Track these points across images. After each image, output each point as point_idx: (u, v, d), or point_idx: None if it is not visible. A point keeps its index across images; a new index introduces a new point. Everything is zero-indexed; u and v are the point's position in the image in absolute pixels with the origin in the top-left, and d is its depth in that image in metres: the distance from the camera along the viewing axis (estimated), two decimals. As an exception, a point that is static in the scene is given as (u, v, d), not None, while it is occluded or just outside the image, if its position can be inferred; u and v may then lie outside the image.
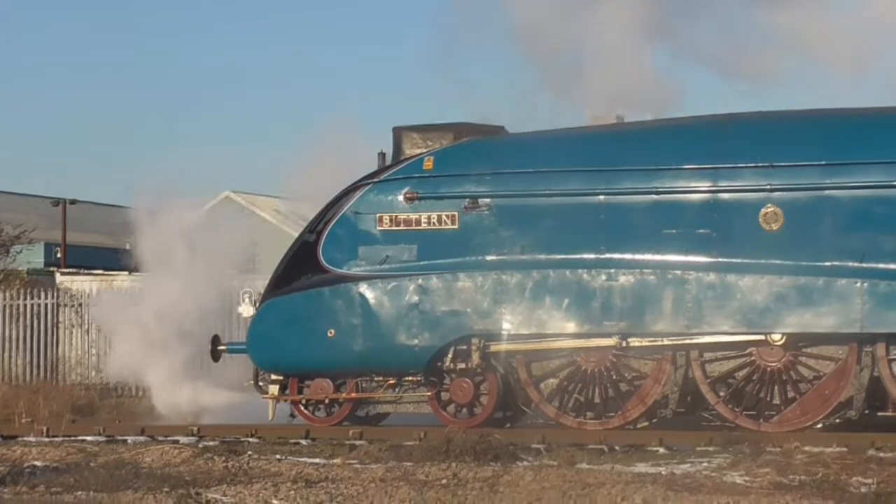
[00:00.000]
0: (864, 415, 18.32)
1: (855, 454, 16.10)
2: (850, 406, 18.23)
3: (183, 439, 18.93)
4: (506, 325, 19.07)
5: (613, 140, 19.58)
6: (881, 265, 17.87)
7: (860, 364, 18.15)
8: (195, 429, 19.65)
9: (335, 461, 16.80)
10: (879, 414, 18.57)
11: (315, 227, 20.11)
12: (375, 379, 19.83)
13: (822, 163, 18.20)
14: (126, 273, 30.06)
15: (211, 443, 18.60)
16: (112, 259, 33.36)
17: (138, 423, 21.04)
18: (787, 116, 19.01)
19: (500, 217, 19.26)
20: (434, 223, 19.52)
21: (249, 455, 17.10)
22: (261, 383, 20.43)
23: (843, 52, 21.26)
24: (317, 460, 16.94)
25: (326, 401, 20.07)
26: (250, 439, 19.08)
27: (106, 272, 34.34)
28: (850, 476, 14.93)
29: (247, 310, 20.93)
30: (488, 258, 19.25)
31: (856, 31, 21.24)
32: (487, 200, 19.33)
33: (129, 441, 19.16)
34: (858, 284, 17.86)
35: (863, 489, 14.52)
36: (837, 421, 18.35)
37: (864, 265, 17.90)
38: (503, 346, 19.20)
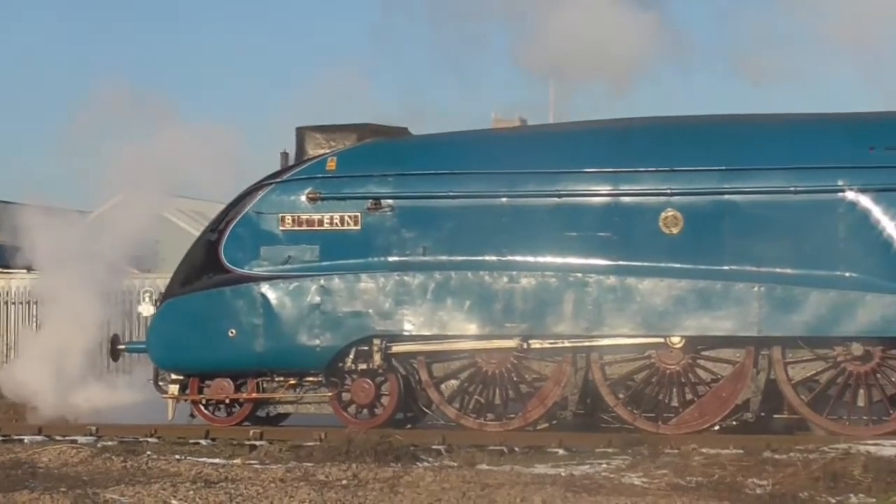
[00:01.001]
0: (760, 417, 18.56)
1: (751, 456, 16.28)
2: (747, 408, 18.46)
3: (81, 439, 18.77)
4: (407, 327, 19.09)
5: (516, 143, 19.68)
6: (778, 270, 18.11)
7: (757, 367, 18.39)
8: (93, 428, 19.49)
9: (235, 461, 16.74)
10: (775, 416, 18.82)
11: (217, 227, 20.01)
12: (276, 379, 19.78)
13: (722, 168, 18.40)
14: (25, 271, 29.70)
15: (109, 443, 18.46)
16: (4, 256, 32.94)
17: (35, 422, 20.80)
18: (687, 121, 19.21)
19: (402, 218, 19.28)
20: (337, 224, 19.50)
21: (148, 455, 16.98)
22: (160, 383, 20.30)
23: None
24: (216, 460, 16.87)
25: (227, 401, 19.98)
26: (149, 439, 18.95)
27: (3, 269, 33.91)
28: (746, 477, 15.11)
29: (147, 309, 20.79)
30: (390, 259, 19.26)
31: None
32: (390, 202, 19.34)
33: (25, 441, 18.96)
34: (756, 289, 18.09)
35: (758, 490, 14.69)
36: (734, 423, 18.57)
37: (762, 270, 18.13)
38: (404, 347, 19.23)
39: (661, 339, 18.55)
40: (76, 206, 22.81)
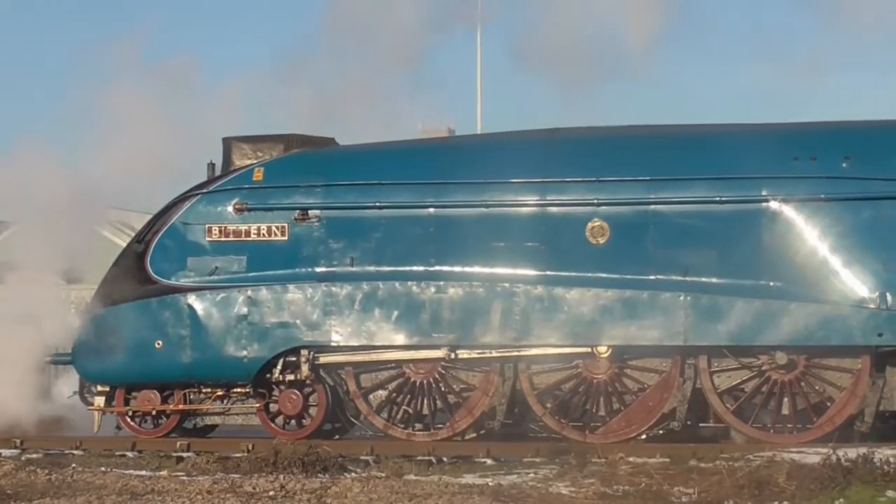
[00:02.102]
0: (686, 426, 18.68)
1: (677, 464, 16.39)
2: (674, 417, 18.58)
3: (5, 452, 18.56)
4: (335, 337, 19.06)
5: (443, 153, 19.72)
6: (704, 279, 18.23)
7: (683, 376, 18.52)
8: (18, 441, 19.28)
9: (161, 473, 16.65)
10: (701, 425, 18.96)
11: (143, 238, 19.90)
12: (204, 390, 19.69)
13: (648, 178, 18.51)
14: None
15: (34, 455, 18.28)
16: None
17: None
18: (614, 131, 19.32)
19: (330, 229, 19.26)
20: (264, 234, 19.44)
21: (74, 468, 16.86)
22: (86, 395, 20.13)
23: None
24: (143, 472, 16.78)
25: (154, 412, 19.85)
26: (75, 452, 18.77)
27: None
28: (673, 486, 15.21)
29: (72, 320, 20.62)
30: (318, 270, 19.23)
31: None
32: (318, 212, 19.31)
33: (-52, 454, 18.74)
34: (682, 298, 18.21)
35: (684, 499, 14.80)
36: (661, 432, 18.68)
37: (688, 279, 18.25)
38: (332, 358, 19.20)
39: (589, 349, 18.62)
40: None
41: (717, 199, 18.31)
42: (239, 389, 19.54)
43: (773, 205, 18.21)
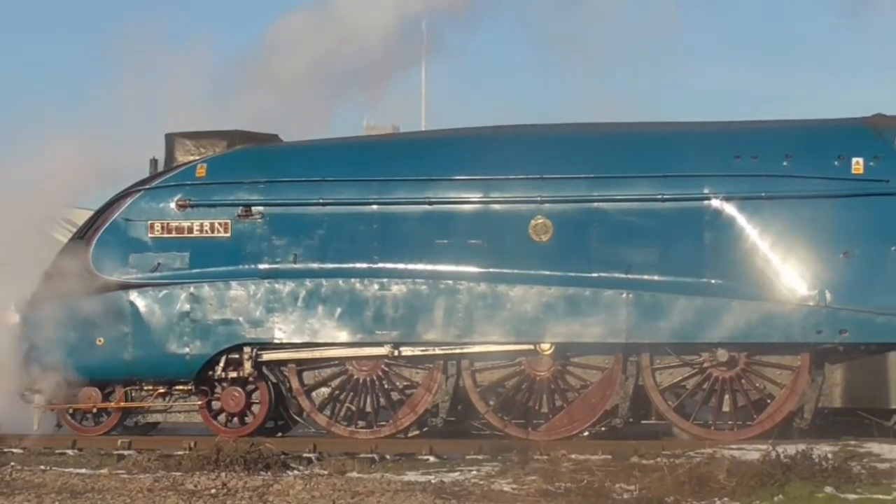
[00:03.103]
0: (628, 423, 18.77)
1: (619, 461, 16.47)
2: (616, 414, 18.66)
3: (-56, 450, 18.43)
4: (278, 334, 19.02)
5: (387, 150, 19.69)
6: (646, 277, 18.31)
7: (625, 373, 18.60)
8: (-44, 440, 19.14)
9: (102, 471, 16.56)
10: (643, 422, 19.05)
11: (85, 234, 19.78)
12: (146, 388, 19.60)
13: (591, 176, 18.57)
14: None
15: (-28, 454, 18.15)
16: None
17: None
18: (557, 129, 19.36)
19: (273, 225, 19.21)
20: (207, 231, 19.36)
21: (13, 466, 16.74)
22: (26, 392, 19.98)
23: None
24: (83, 471, 16.68)
25: (94, 410, 19.74)
26: (14, 450, 18.62)
27: None
28: (614, 483, 15.28)
29: (11, 317, 20.45)
30: (261, 267, 19.17)
31: None
32: (261, 209, 19.25)
33: None
34: (624, 295, 18.28)
35: (625, 495, 14.87)
36: (603, 429, 18.76)
37: (630, 276, 18.33)
38: (275, 355, 19.17)
39: (531, 346, 18.66)
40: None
41: (660, 197, 18.39)
42: (181, 387, 19.47)
43: (715, 203, 18.31)
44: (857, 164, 18.09)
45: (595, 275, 18.42)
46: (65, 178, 20.71)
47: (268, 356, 19.16)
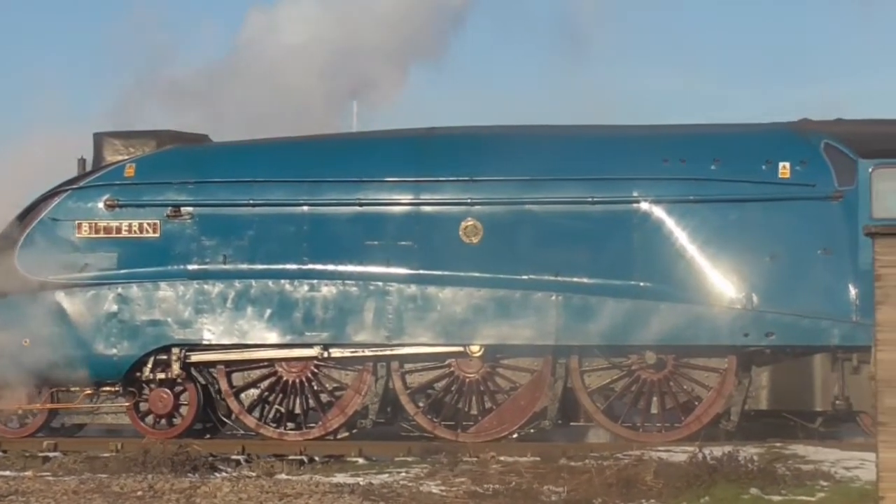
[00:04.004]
0: (557, 425, 18.82)
1: (547, 463, 16.53)
2: (545, 416, 18.72)
3: None
4: (207, 335, 18.94)
5: (318, 151, 19.64)
6: (575, 279, 18.37)
7: (554, 375, 18.66)
8: None
9: (26, 474, 16.43)
10: (572, 424, 19.12)
11: (11, 234, 19.58)
12: (72, 389, 19.44)
13: (521, 178, 18.61)
14: None
15: None
16: None
17: None
18: (488, 131, 19.40)
19: (202, 226, 19.12)
20: (135, 231, 19.25)
21: (-64, 468, 16.57)
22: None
23: None
24: (7, 473, 16.54)
25: (20, 411, 19.56)
26: (-63, 452, 18.46)
27: None
28: (543, 484, 15.33)
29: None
30: (190, 267, 19.08)
31: None
32: (190, 209, 19.16)
33: None
34: (554, 298, 18.34)
35: (553, 497, 14.91)
36: (532, 431, 18.81)
37: (560, 279, 18.38)
38: (204, 357, 19.08)
39: (461, 348, 18.68)
40: None
41: (590, 199, 18.46)
42: (108, 388, 19.33)
43: (644, 206, 18.41)
44: (784, 168, 18.25)
45: (525, 277, 18.47)
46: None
47: (196, 357, 19.07)
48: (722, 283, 18.14)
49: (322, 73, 20.66)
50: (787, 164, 18.26)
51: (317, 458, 17.74)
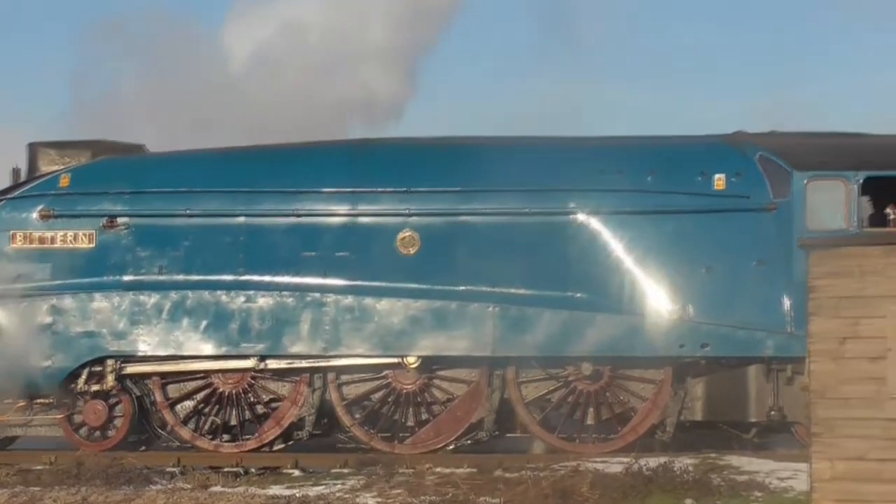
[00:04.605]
0: (494, 436, 18.84)
1: (484, 474, 16.53)
2: (482, 427, 18.73)
3: None
4: (142, 347, 18.82)
5: (255, 161, 19.57)
6: (512, 290, 18.40)
7: (491, 386, 18.68)
8: None
9: (-42, 487, 16.26)
10: (508, 435, 19.13)
11: (-57, 244, 19.39)
12: (5, 401, 19.25)
13: (458, 189, 18.63)
14: None
15: None
16: None
17: None
18: (424, 142, 19.42)
19: (138, 237, 19.01)
20: (70, 242, 19.11)
21: None
22: None
23: None
24: (-62, 486, 16.36)
25: (-47, 424, 19.39)
26: None
27: None
28: (479, 496, 15.34)
29: None
30: (125, 278, 18.96)
31: None
32: (126, 219, 19.05)
33: None
34: (490, 309, 18.36)
35: (490, 508, 14.93)
36: (469, 442, 18.81)
37: (496, 290, 18.41)
38: (139, 368, 18.97)
39: (398, 359, 18.67)
40: None
41: (526, 210, 18.50)
42: (42, 400, 19.16)
43: (581, 217, 18.46)
44: (720, 180, 18.37)
45: (462, 288, 18.48)
46: None
47: (131, 369, 18.96)
48: (658, 294, 18.22)
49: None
50: (723, 176, 18.38)
51: (252, 470, 17.67)
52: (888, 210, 18.27)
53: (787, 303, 17.96)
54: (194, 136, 20.24)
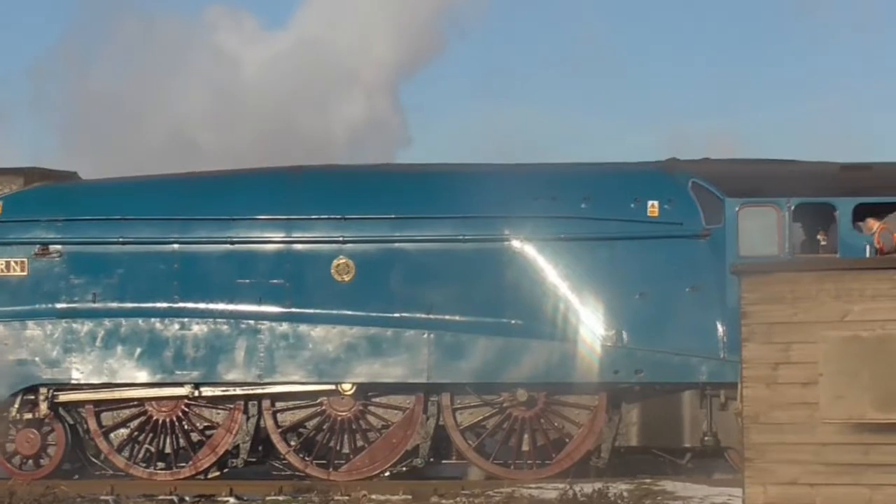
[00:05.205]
0: (429, 462, 18.84)
1: (419, 501, 16.54)
2: (417, 454, 18.73)
3: None
4: (76, 375, 18.71)
5: (189, 189, 19.52)
6: (447, 317, 18.43)
7: (426, 413, 18.68)
8: None
9: None
10: (444, 462, 19.14)
11: None
12: (-63, 430, 19.08)
13: (392, 216, 18.66)
14: None
15: None
16: None
17: None
18: (359, 170, 19.44)
19: (71, 264, 18.91)
20: (2, 269, 18.97)
21: None
22: None
23: None
24: None
25: None
26: None
27: None
28: (414, 522, 15.32)
29: None
30: (59, 306, 18.85)
31: None
32: (59, 247, 18.94)
33: None
34: (425, 335, 18.38)
35: (424, 535, 14.92)
36: (404, 469, 18.80)
37: (432, 317, 18.43)
38: (72, 396, 18.84)
39: (333, 386, 18.65)
40: None
41: (461, 237, 18.55)
42: (-26, 429, 18.99)
43: (515, 244, 18.54)
44: (653, 207, 18.50)
45: (397, 315, 18.50)
46: None
47: (64, 397, 18.83)
48: (592, 320, 18.30)
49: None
50: (656, 203, 18.51)
51: (187, 498, 17.56)
52: (819, 236, 18.50)
53: (720, 329, 18.09)
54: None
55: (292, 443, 18.86)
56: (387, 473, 18.70)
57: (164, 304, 18.78)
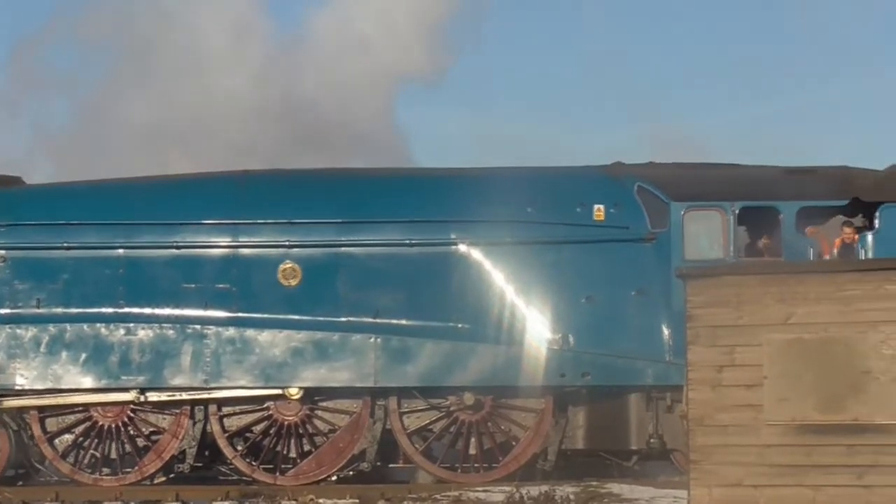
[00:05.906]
0: (376, 466, 18.83)
1: (366, 505, 16.52)
2: (364, 458, 18.71)
3: None
4: (20, 381, 18.59)
5: (134, 193, 19.43)
6: (394, 321, 18.44)
7: (373, 417, 18.68)
8: None
9: None
10: (391, 466, 19.14)
11: None
12: None
13: (339, 220, 18.65)
14: None
15: None
16: None
17: None
18: (306, 174, 19.41)
19: (15, 270, 18.79)
20: (-55, 275, 18.83)
21: None
22: None
23: None
24: None
25: None
26: None
27: None
28: (361, 527, 15.31)
29: None
30: (2, 312, 18.73)
31: None
32: (2, 252, 18.83)
33: None
34: (372, 340, 18.38)
35: (372, 539, 14.91)
36: (352, 473, 18.78)
37: (378, 321, 18.44)
38: (16, 402, 18.71)
39: (280, 391, 18.61)
40: None
41: (407, 242, 18.56)
42: (-84, 436, 18.83)
43: (462, 248, 18.56)
44: (599, 211, 18.57)
45: (344, 319, 18.49)
46: None
47: (8, 403, 18.70)
48: (539, 324, 18.35)
49: None
50: (602, 207, 18.59)
51: (133, 504, 17.51)
52: (763, 240, 18.63)
53: (666, 332, 18.19)
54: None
55: (239, 447, 18.80)
56: (334, 478, 18.69)
57: (110, 310, 18.70)
